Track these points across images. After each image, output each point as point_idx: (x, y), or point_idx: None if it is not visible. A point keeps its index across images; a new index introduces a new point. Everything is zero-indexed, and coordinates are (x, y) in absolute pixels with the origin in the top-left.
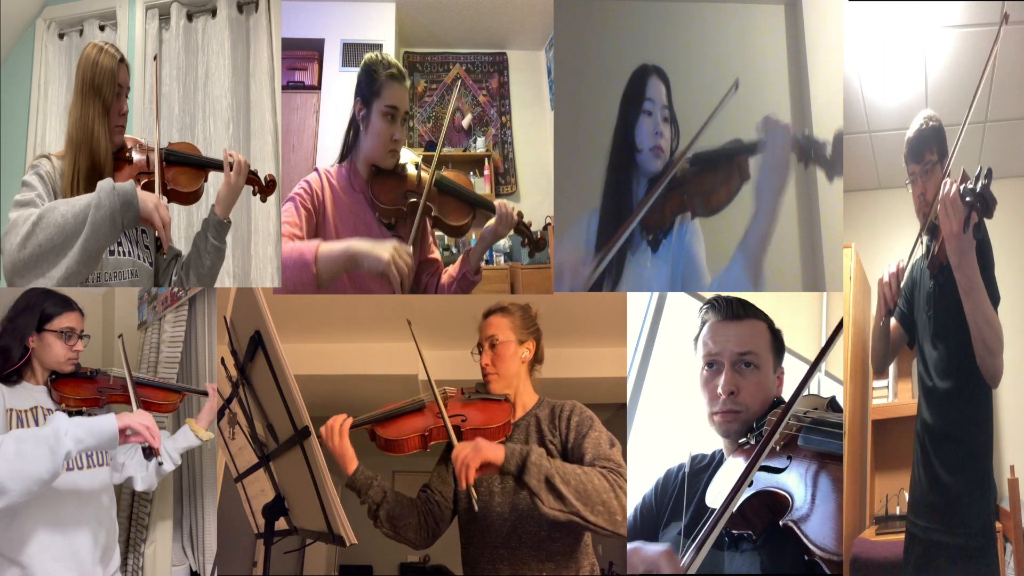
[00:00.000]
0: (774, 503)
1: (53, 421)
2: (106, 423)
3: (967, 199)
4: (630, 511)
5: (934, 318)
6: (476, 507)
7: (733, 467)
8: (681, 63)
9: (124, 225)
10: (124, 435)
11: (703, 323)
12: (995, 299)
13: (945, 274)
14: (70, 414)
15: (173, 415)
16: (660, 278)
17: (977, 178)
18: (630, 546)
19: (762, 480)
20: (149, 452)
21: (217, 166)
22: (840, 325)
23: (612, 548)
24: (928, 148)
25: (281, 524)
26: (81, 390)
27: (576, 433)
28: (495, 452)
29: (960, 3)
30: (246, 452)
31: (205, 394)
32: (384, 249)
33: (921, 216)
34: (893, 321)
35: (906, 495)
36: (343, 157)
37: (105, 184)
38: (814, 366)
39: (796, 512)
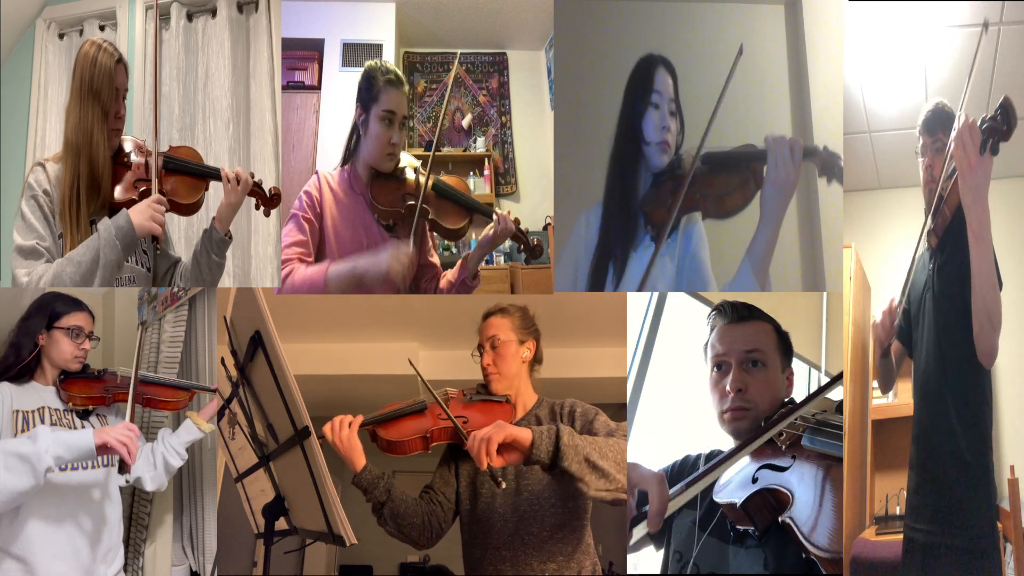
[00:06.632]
0: (777, 501)
1: (36, 438)
2: (84, 440)
3: (985, 125)
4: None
5: (933, 300)
6: (502, 485)
7: (741, 466)
8: (681, 63)
9: (128, 252)
10: (104, 449)
11: (711, 329)
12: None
13: (945, 250)
14: (78, 414)
15: (174, 412)
16: (665, 277)
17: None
18: (630, 460)
19: (766, 478)
20: (122, 468)
21: (217, 176)
22: (840, 375)
23: (612, 548)
24: (942, 128)
25: (281, 524)
26: (88, 389)
27: (583, 420)
28: (522, 431)
29: (960, 3)
30: (246, 452)
31: (212, 391)
32: (383, 257)
33: (926, 191)
34: (895, 342)
35: (906, 495)
36: (345, 161)
37: (104, 231)
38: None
39: (794, 509)
